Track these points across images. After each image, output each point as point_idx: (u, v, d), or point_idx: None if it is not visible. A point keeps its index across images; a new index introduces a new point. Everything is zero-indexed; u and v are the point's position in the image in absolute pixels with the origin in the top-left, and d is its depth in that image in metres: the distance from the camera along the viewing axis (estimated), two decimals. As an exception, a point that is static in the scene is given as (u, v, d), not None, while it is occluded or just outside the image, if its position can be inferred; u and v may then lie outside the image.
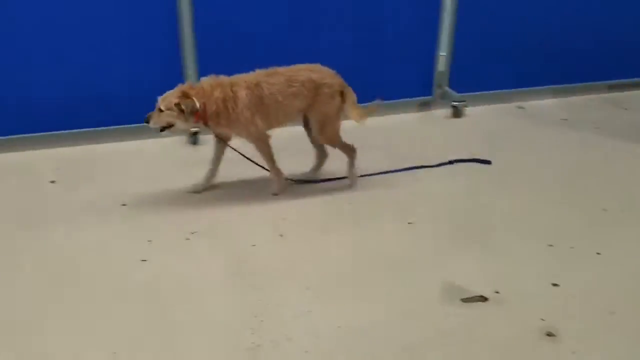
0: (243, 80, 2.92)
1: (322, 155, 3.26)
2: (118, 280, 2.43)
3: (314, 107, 2.99)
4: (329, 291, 2.38)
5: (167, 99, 2.86)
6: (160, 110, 2.87)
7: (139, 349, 2.06)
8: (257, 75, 2.95)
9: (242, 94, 2.87)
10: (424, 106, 4.40)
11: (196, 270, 2.50)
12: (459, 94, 4.31)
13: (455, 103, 4.28)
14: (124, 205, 3.00)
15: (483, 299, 2.30)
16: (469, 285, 2.37)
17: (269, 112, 2.93)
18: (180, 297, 2.33)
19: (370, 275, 2.49)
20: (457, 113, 4.28)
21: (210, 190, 3.16)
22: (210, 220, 2.88)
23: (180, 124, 2.90)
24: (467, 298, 2.30)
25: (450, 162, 3.46)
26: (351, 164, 3.18)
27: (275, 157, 3.07)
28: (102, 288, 2.38)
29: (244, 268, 2.51)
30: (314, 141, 3.20)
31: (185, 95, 2.84)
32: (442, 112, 4.34)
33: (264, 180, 3.16)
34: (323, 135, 3.07)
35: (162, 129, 2.94)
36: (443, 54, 4.29)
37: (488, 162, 3.48)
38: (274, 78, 2.93)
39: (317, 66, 3.03)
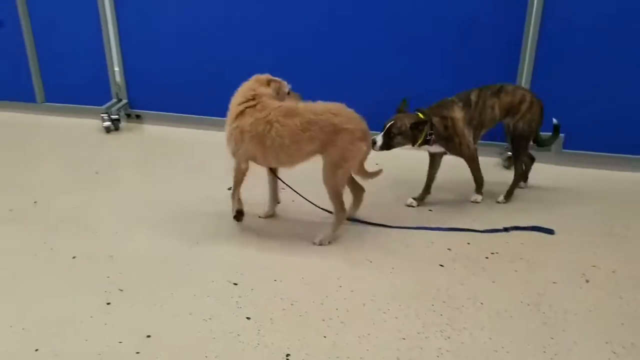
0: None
1: (358, 191, 2.92)
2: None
3: (329, 150, 2.63)
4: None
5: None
6: None
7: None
8: (276, 112, 2.61)
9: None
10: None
11: (493, 290, 2.48)
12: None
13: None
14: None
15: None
16: None
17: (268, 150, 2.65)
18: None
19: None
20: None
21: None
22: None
23: None
24: None
25: (506, 230, 3.01)
26: (337, 222, 2.77)
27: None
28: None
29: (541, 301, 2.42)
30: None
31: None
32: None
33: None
34: (331, 177, 2.66)
35: None
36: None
37: (550, 232, 2.99)
38: (290, 119, 2.60)
39: (341, 107, 2.67)
